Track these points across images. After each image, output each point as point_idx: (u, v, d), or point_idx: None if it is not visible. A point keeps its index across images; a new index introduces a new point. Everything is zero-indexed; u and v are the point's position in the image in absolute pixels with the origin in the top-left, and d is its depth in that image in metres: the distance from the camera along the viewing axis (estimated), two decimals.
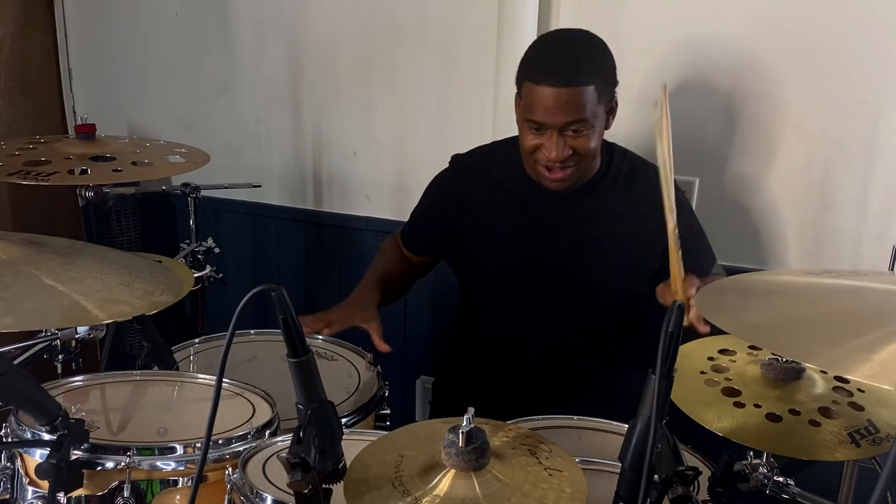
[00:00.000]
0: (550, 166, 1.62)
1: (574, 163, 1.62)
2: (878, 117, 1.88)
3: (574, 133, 1.58)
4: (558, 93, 1.54)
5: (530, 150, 1.63)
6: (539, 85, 1.56)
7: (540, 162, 1.63)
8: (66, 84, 2.82)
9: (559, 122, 1.56)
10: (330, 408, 1.03)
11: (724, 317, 1.04)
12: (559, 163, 1.60)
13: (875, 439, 1.20)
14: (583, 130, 1.58)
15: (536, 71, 1.59)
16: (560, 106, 1.55)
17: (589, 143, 1.60)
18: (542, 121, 1.57)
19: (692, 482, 0.99)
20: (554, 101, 1.55)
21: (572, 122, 1.57)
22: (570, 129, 1.58)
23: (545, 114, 1.56)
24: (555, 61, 1.59)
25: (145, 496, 1.26)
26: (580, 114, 1.56)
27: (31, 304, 1.10)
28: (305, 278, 2.67)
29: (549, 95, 1.55)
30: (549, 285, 1.77)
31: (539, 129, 1.59)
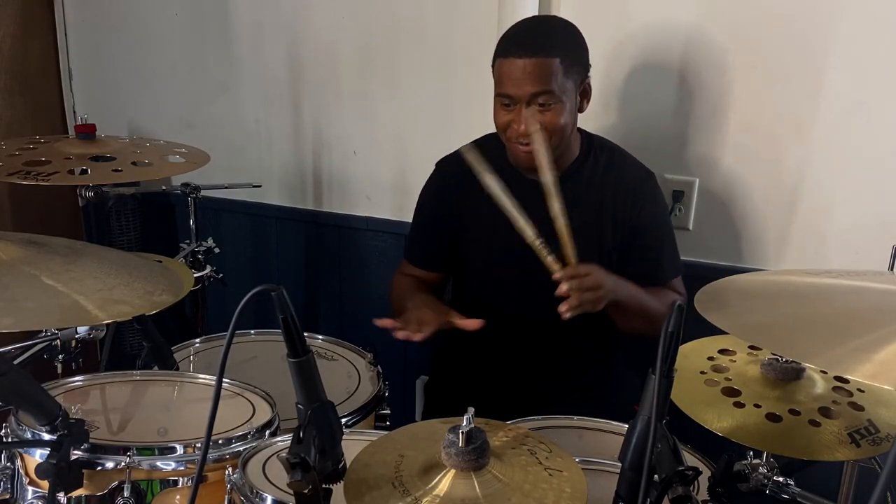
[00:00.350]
0: (520, 141, 1.66)
1: (542, 139, 1.64)
2: (878, 117, 1.88)
3: (542, 107, 1.63)
4: (524, 63, 1.60)
5: (503, 127, 1.69)
6: (507, 58, 1.62)
7: (511, 139, 1.68)
8: (66, 84, 2.82)
9: (526, 93, 1.61)
10: (330, 408, 1.03)
11: (724, 317, 1.05)
12: (526, 137, 1.64)
13: (875, 439, 1.20)
14: (550, 104, 1.62)
15: (505, 46, 1.65)
16: (526, 76, 1.60)
17: (557, 119, 1.64)
18: (510, 93, 1.63)
19: (692, 482, 0.99)
20: (521, 71, 1.60)
21: (539, 94, 1.61)
22: (538, 102, 1.62)
23: (513, 85, 1.62)
24: (522, 35, 1.67)
25: (145, 496, 1.26)
26: (546, 84, 1.60)
27: (31, 304, 1.10)
28: (305, 278, 2.67)
29: (516, 67, 1.61)
30: (538, 273, 1.77)
31: (509, 105, 1.65)
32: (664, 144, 2.07)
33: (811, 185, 1.98)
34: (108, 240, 2.59)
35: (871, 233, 1.92)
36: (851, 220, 1.95)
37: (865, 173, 1.92)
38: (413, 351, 2.53)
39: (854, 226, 1.95)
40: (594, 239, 1.77)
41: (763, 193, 2.03)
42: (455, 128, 2.29)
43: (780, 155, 1.99)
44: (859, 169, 1.93)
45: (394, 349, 2.51)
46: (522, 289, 1.81)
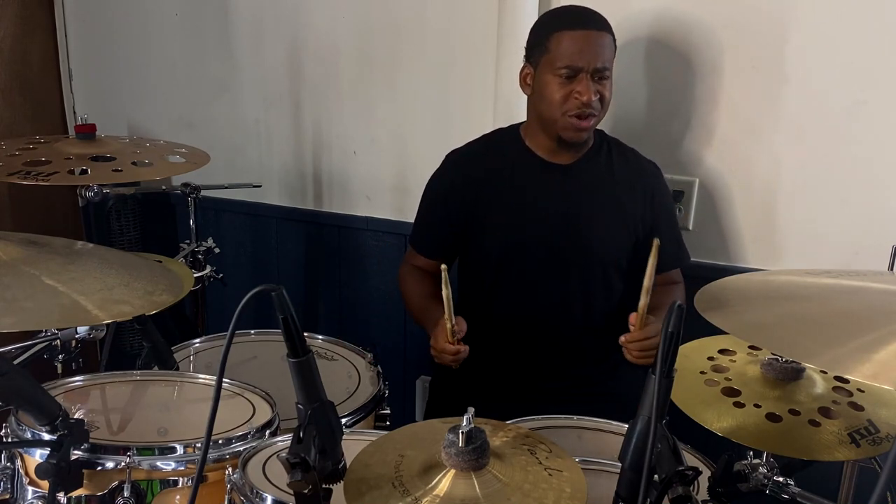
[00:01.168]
0: (582, 112, 1.70)
1: (597, 110, 1.73)
2: (878, 117, 1.88)
3: (599, 79, 1.70)
4: (593, 35, 1.69)
5: (560, 100, 1.71)
6: (573, 30, 1.69)
7: (570, 111, 1.71)
8: (66, 84, 2.82)
9: (594, 64, 1.68)
10: (330, 408, 1.03)
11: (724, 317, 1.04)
12: (590, 107, 1.70)
13: (875, 439, 1.20)
14: (606, 76, 1.72)
15: (569, 19, 1.72)
16: (595, 48, 1.69)
17: (608, 93, 1.73)
18: (579, 63, 1.68)
19: (692, 482, 0.99)
20: (591, 43, 1.68)
21: (602, 66, 1.69)
22: (598, 75, 1.70)
23: (582, 56, 1.68)
24: (584, 12, 1.75)
25: (145, 496, 1.26)
26: (608, 57, 1.71)
27: (31, 304, 1.10)
28: (305, 278, 2.67)
29: (586, 38, 1.68)
30: (552, 254, 1.81)
31: (570, 77, 1.69)
32: (664, 144, 2.07)
33: (811, 185, 1.98)
34: (108, 240, 2.58)
35: (871, 233, 1.92)
36: (851, 220, 1.95)
37: (865, 173, 1.92)
38: (413, 351, 2.53)
39: (854, 226, 1.95)
40: (618, 219, 1.82)
41: (763, 193, 2.03)
42: (455, 127, 2.29)
43: (780, 155, 1.99)
44: (859, 169, 1.93)
45: (394, 349, 2.52)
46: (538, 277, 1.83)
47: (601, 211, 1.81)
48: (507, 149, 1.82)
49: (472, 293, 1.94)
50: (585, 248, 1.80)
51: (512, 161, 1.82)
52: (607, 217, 1.81)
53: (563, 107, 1.71)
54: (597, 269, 1.82)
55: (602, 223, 1.80)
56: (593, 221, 1.80)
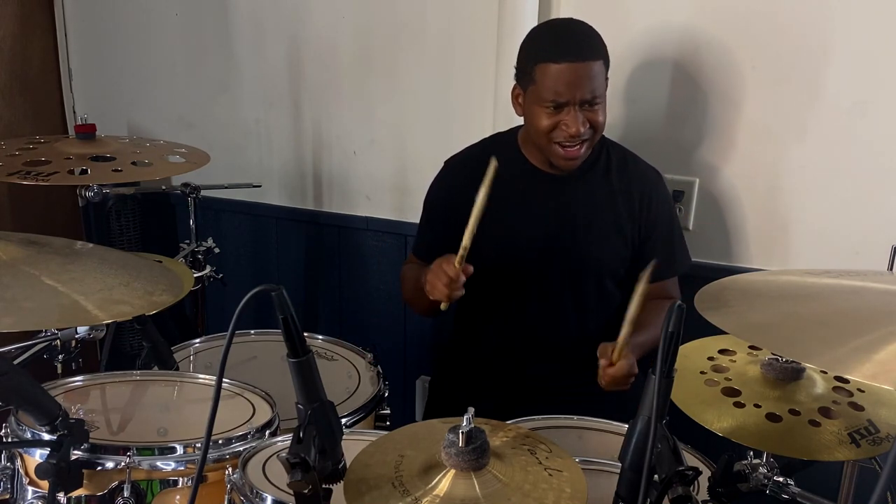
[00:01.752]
0: (569, 143, 1.68)
1: (589, 137, 1.70)
2: (878, 117, 1.88)
3: (589, 107, 1.66)
4: (578, 67, 1.63)
5: (547, 130, 1.69)
6: (558, 63, 1.63)
7: (557, 140, 1.69)
8: (66, 84, 2.82)
9: (580, 96, 1.64)
10: (330, 408, 1.03)
11: (724, 317, 1.04)
12: (578, 137, 1.67)
13: (875, 439, 1.20)
14: (597, 103, 1.67)
15: (553, 50, 1.65)
16: (581, 80, 1.63)
17: (601, 118, 1.69)
18: (564, 98, 1.64)
19: (692, 482, 0.99)
20: (576, 76, 1.63)
21: (588, 98, 1.65)
22: (587, 104, 1.66)
23: (568, 89, 1.64)
24: (570, 39, 1.68)
25: (145, 496, 1.26)
26: (596, 87, 1.66)
27: (31, 304, 1.10)
28: (305, 278, 2.67)
29: (571, 70, 1.63)
30: (548, 265, 1.81)
31: (557, 108, 1.66)
32: (664, 145, 2.07)
33: (811, 185, 1.98)
34: (108, 240, 2.58)
35: (871, 233, 1.92)
36: (851, 220, 1.95)
37: (865, 173, 1.92)
38: (413, 351, 2.54)
39: (854, 226, 1.95)
40: (614, 229, 1.80)
41: (763, 193, 2.03)
42: (455, 128, 2.29)
43: (780, 155, 1.99)
44: (859, 169, 1.92)
45: (394, 349, 2.52)
46: (534, 286, 1.82)
47: (597, 221, 1.80)
48: (503, 157, 1.80)
49: (471, 299, 1.94)
50: (580, 258, 1.79)
51: (508, 170, 1.79)
52: (603, 227, 1.80)
53: (551, 135, 1.69)
54: (591, 279, 1.82)
55: (598, 234, 1.79)
56: (589, 232, 1.79)
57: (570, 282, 1.81)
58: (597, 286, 1.82)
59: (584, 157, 1.73)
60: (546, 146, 1.71)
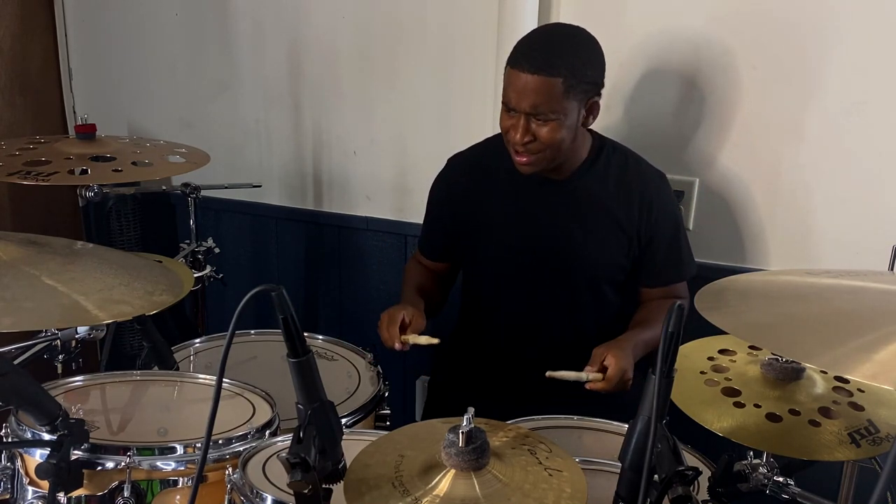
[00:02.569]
0: (517, 148, 1.68)
1: (536, 150, 1.67)
2: (877, 117, 1.88)
3: (539, 121, 1.64)
4: (526, 79, 1.61)
5: (504, 130, 1.70)
6: (513, 69, 1.64)
7: (509, 143, 1.70)
8: (66, 84, 2.82)
9: (524, 106, 1.63)
10: (330, 408, 1.03)
11: (724, 317, 1.04)
12: (522, 146, 1.66)
13: (875, 439, 1.20)
14: (547, 120, 1.64)
15: (515, 54, 1.66)
16: (526, 91, 1.62)
17: (553, 135, 1.65)
18: (511, 103, 1.65)
19: (692, 482, 0.99)
20: (522, 85, 1.62)
21: (536, 110, 1.63)
22: (535, 117, 1.64)
23: (514, 97, 1.64)
24: (531, 49, 1.66)
25: (145, 496, 1.26)
26: (541, 103, 1.62)
27: (31, 304, 1.10)
28: (305, 278, 2.67)
29: (519, 79, 1.62)
30: (544, 267, 1.80)
31: (510, 112, 1.67)
32: (664, 144, 2.07)
33: (811, 184, 1.98)
34: (108, 240, 2.58)
35: (871, 233, 1.92)
36: (851, 220, 1.95)
37: (865, 173, 1.92)
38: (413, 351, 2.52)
39: (854, 226, 1.95)
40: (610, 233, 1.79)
41: (763, 193, 2.03)
42: (455, 128, 2.29)
43: (780, 155, 1.99)
44: (859, 169, 1.92)
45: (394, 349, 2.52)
46: (530, 288, 1.82)
47: (595, 226, 1.78)
48: (503, 157, 1.81)
49: (472, 296, 1.95)
50: (576, 263, 1.79)
51: (508, 171, 1.80)
52: (601, 232, 1.79)
53: (506, 137, 1.70)
54: (587, 283, 1.81)
55: (595, 239, 1.78)
56: (586, 237, 1.78)
57: (565, 284, 1.81)
58: (592, 289, 1.82)
59: (539, 165, 1.70)
60: (507, 145, 1.72)
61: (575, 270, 1.80)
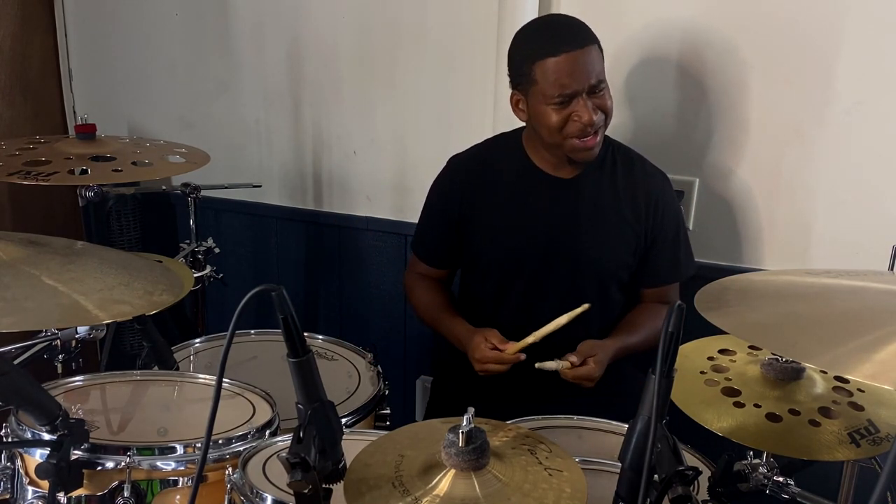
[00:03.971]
0: (585, 133, 1.67)
1: (602, 124, 1.69)
2: (878, 117, 1.88)
3: (598, 93, 1.66)
4: (579, 54, 1.62)
5: (558, 126, 1.67)
6: (557, 56, 1.62)
7: (572, 133, 1.67)
8: (66, 84, 2.82)
9: (586, 83, 1.64)
10: (330, 408, 1.03)
11: (724, 317, 1.04)
12: (591, 126, 1.66)
13: (875, 439, 1.20)
14: (602, 88, 1.67)
15: (550, 44, 1.64)
16: (583, 67, 1.63)
17: (608, 102, 1.69)
18: (570, 89, 1.63)
19: (692, 482, 0.99)
20: (577, 64, 1.62)
21: (594, 82, 1.64)
22: (595, 90, 1.65)
23: (572, 80, 1.63)
24: (561, 31, 1.67)
25: (145, 496, 1.26)
26: (599, 70, 1.65)
27: (31, 304, 1.10)
28: (305, 278, 2.67)
29: (573, 60, 1.62)
30: (550, 268, 1.80)
31: (564, 103, 1.65)
32: (664, 144, 2.07)
33: (811, 185, 1.98)
34: (108, 240, 2.59)
35: (871, 233, 1.92)
36: (851, 221, 1.95)
37: (865, 173, 1.92)
38: (413, 351, 2.54)
39: (854, 226, 1.95)
40: (617, 232, 1.79)
41: (763, 193, 2.03)
42: (455, 128, 2.29)
43: (781, 155, 1.99)
44: (859, 169, 1.92)
45: (394, 349, 2.52)
46: (534, 288, 1.82)
47: (601, 226, 1.79)
48: (508, 157, 1.81)
49: (472, 299, 1.94)
50: (583, 263, 1.79)
51: (512, 171, 1.81)
52: (607, 232, 1.79)
53: (564, 131, 1.67)
54: (592, 282, 1.81)
55: (602, 238, 1.78)
56: (592, 237, 1.78)
57: (570, 283, 1.81)
58: (598, 289, 1.81)
59: (600, 146, 1.72)
60: (561, 143, 1.70)
61: (582, 270, 1.80)
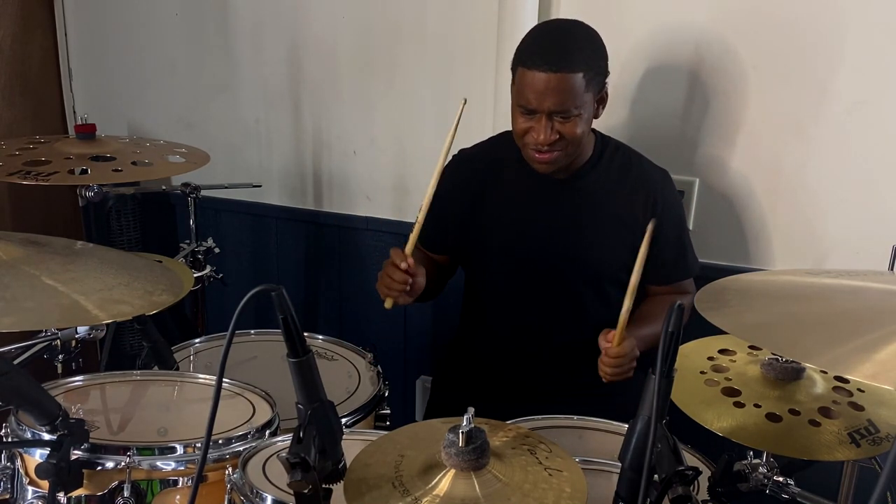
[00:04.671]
0: (538, 149, 1.67)
1: (560, 147, 1.67)
2: (878, 117, 1.88)
3: (562, 119, 1.64)
4: (548, 78, 1.60)
5: (521, 133, 1.69)
6: (530, 70, 1.61)
7: (529, 145, 1.69)
8: (66, 84, 2.82)
9: (547, 107, 1.62)
10: (330, 408, 1.03)
11: (724, 317, 1.05)
12: (546, 146, 1.66)
13: (875, 439, 1.20)
14: (570, 116, 1.64)
15: (529, 56, 1.64)
16: (549, 91, 1.60)
17: (575, 129, 1.65)
18: (532, 105, 1.63)
19: (692, 482, 0.99)
20: (544, 86, 1.60)
21: (560, 108, 1.62)
22: (558, 115, 1.63)
23: (535, 98, 1.62)
24: (547, 48, 1.64)
25: (145, 496, 1.26)
26: (567, 100, 1.61)
27: (31, 304, 1.10)
28: (305, 278, 2.67)
29: (539, 80, 1.60)
30: (549, 267, 1.80)
31: (529, 113, 1.65)
32: (665, 144, 2.07)
33: (811, 185, 1.98)
34: (108, 240, 2.58)
35: (871, 233, 1.92)
36: (851, 220, 1.95)
37: (865, 173, 1.92)
38: (413, 351, 2.54)
39: (854, 226, 1.95)
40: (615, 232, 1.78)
41: (763, 193, 2.03)
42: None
43: (781, 155, 1.99)
44: (859, 169, 1.93)
45: (394, 349, 2.52)
46: (533, 287, 1.82)
47: (599, 226, 1.78)
48: (509, 156, 1.81)
49: (474, 295, 1.94)
50: (581, 263, 1.79)
51: (512, 170, 1.81)
52: (605, 232, 1.78)
53: (524, 139, 1.69)
54: (592, 282, 1.81)
55: (599, 238, 1.78)
56: (590, 237, 1.78)
57: (570, 283, 1.81)
58: (597, 288, 1.81)
59: (559, 163, 1.70)
60: (522, 148, 1.72)
61: (580, 270, 1.80)
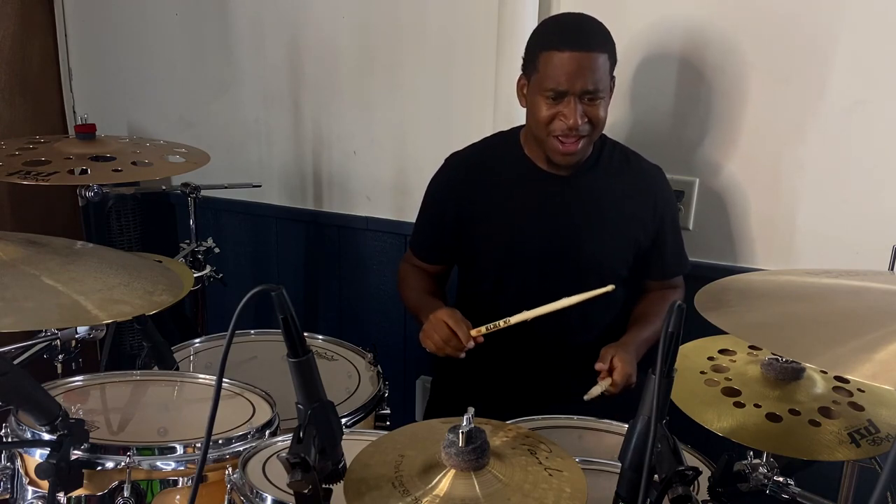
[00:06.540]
0: (566, 136, 1.67)
1: (587, 132, 1.68)
2: (878, 117, 1.88)
3: (590, 101, 1.65)
4: (580, 57, 1.61)
5: (546, 121, 1.68)
6: (560, 51, 1.62)
7: (555, 132, 1.68)
8: (66, 84, 2.82)
9: (579, 87, 1.62)
10: (330, 408, 1.03)
11: (724, 317, 1.05)
12: (575, 130, 1.65)
13: (875, 439, 1.20)
14: (597, 98, 1.65)
15: (557, 39, 1.64)
16: (581, 70, 1.62)
17: (601, 113, 1.67)
18: (563, 87, 1.63)
19: (692, 482, 0.99)
20: (576, 65, 1.61)
21: (590, 88, 1.63)
22: (587, 97, 1.64)
23: (567, 79, 1.62)
24: (572, 30, 1.67)
25: (145, 496, 1.26)
26: (597, 79, 1.63)
27: (31, 304, 1.10)
28: (305, 278, 2.67)
29: (571, 60, 1.61)
30: (549, 266, 1.80)
31: (556, 99, 1.65)
32: (664, 144, 2.07)
33: (811, 185, 1.98)
34: (108, 240, 2.59)
35: (871, 233, 1.92)
36: (851, 220, 1.95)
37: (865, 173, 1.92)
38: (413, 351, 2.53)
39: (854, 226, 1.95)
40: (615, 229, 1.79)
41: (763, 193, 2.03)
42: (455, 128, 2.29)
43: (781, 154, 1.99)
44: (859, 169, 1.93)
45: (394, 349, 2.52)
46: (533, 286, 1.82)
47: (600, 223, 1.79)
48: (506, 155, 1.81)
49: (470, 296, 1.94)
50: (582, 260, 1.79)
51: (510, 169, 1.81)
52: (606, 228, 1.79)
53: (549, 127, 1.67)
54: (592, 279, 1.78)
55: (601, 235, 1.79)
56: (591, 234, 1.78)
57: (570, 281, 1.80)
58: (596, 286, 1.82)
59: (582, 153, 1.71)
60: (544, 139, 1.70)
61: (581, 268, 1.80)
